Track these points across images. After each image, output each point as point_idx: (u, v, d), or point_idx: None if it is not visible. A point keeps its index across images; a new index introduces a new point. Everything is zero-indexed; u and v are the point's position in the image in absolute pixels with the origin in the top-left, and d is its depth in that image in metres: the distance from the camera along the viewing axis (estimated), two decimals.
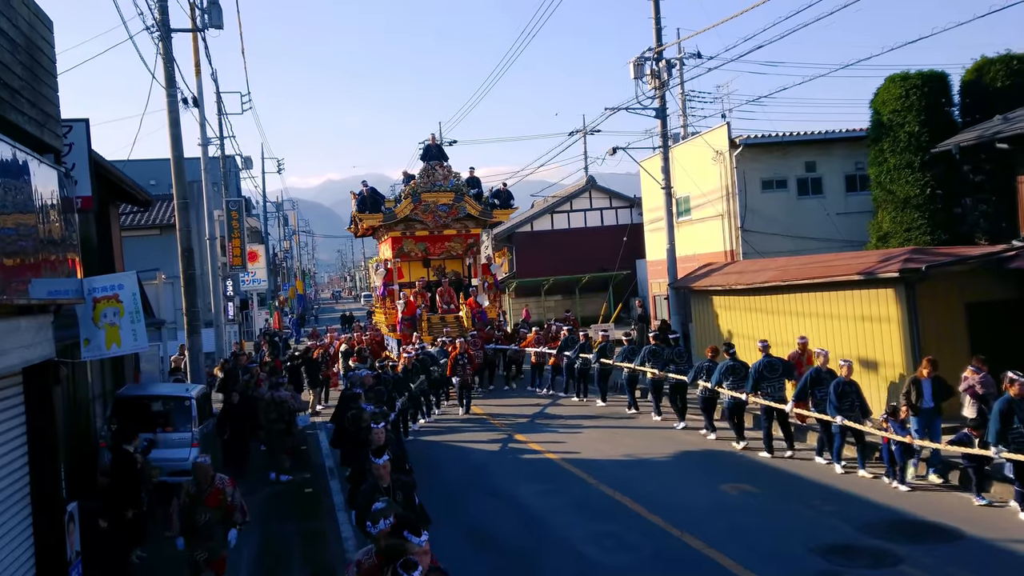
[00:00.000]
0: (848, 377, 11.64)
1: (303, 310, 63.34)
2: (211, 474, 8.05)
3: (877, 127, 18.47)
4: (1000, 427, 9.31)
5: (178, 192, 15.78)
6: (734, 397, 13.36)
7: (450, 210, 24.96)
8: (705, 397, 14.27)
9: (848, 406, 11.42)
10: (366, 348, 21.70)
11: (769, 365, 13.03)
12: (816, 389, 12.08)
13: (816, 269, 15.35)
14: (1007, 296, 13.29)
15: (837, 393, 11.49)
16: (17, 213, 6.59)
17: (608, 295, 34.54)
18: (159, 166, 28.77)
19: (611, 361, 17.85)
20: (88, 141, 10.11)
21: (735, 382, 13.45)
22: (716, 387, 13.77)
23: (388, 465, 7.39)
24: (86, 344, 8.98)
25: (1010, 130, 14.05)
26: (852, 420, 11.27)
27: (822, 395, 11.88)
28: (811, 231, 21.52)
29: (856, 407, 11.47)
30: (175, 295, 21.80)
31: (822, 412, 11.78)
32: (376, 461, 7.35)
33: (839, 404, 11.43)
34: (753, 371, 13.08)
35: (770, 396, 12.78)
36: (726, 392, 13.56)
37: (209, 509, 7.91)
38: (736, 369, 13.61)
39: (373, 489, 7.25)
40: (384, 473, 7.33)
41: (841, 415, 11.31)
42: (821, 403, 11.88)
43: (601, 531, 9.71)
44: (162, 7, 15.37)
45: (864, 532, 9.00)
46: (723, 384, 13.63)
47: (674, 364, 15.62)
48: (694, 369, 14.73)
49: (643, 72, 20.62)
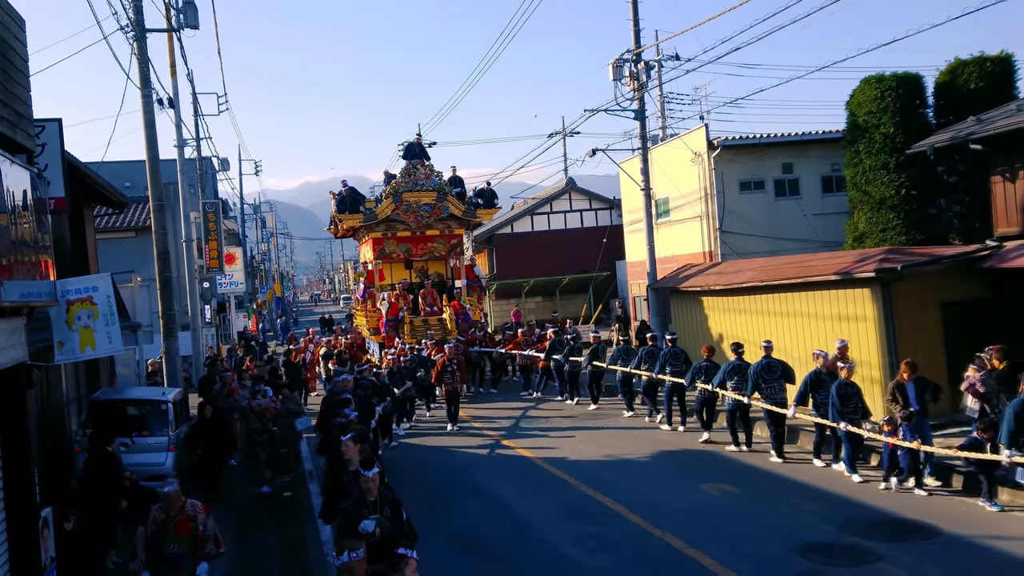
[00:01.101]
0: (849, 379, 11.34)
1: (284, 312, 62.94)
2: (181, 501, 7.52)
3: (853, 129, 18.62)
4: (1015, 429, 8.99)
5: (154, 194, 15.64)
6: (736, 399, 13.00)
7: (432, 210, 24.61)
8: (704, 398, 13.96)
9: (852, 409, 11.13)
10: (345, 351, 21.48)
11: (768, 367, 12.70)
12: (816, 392, 11.78)
13: (794, 269, 15.46)
14: (981, 295, 13.45)
15: (840, 396, 11.15)
16: None
17: (588, 296, 34.59)
18: (134, 168, 28.46)
19: (604, 364, 17.49)
20: (61, 141, 9.99)
21: (739, 383, 13.07)
22: (718, 388, 13.43)
23: (377, 479, 6.88)
24: (60, 347, 8.85)
25: (983, 131, 14.20)
26: (856, 423, 11.00)
27: (822, 398, 11.61)
28: (788, 232, 21.66)
29: (859, 409, 11.18)
30: (151, 298, 21.65)
31: (823, 416, 11.51)
32: (365, 474, 6.83)
33: (842, 407, 11.11)
34: (752, 373, 12.78)
35: (770, 399, 12.50)
36: (730, 394, 13.15)
37: (178, 539, 7.37)
38: (741, 369, 13.22)
39: (359, 504, 6.80)
40: (373, 487, 6.81)
41: (845, 419, 11.01)
42: (822, 406, 11.61)
43: (583, 532, 9.70)
44: (136, 7, 15.23)
45: (844, 531, 9.04)
46: (727, 385, 13.27)
47: (671, 366, 15.16)
48: (692, 370, 14.40)
49: (622, 74, 20.68)
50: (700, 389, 13.97)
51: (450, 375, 16.87)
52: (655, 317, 21.32)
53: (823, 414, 11.53)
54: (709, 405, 13.97)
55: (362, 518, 6.44)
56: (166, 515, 7.45)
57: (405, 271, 26.27)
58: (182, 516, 7.46)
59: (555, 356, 19.01)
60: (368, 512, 6.60)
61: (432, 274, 26.12)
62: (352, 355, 21.79)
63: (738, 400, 12.93)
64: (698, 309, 18.76)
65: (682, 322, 19.55)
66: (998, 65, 17.28)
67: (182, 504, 7.52)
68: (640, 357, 16.02)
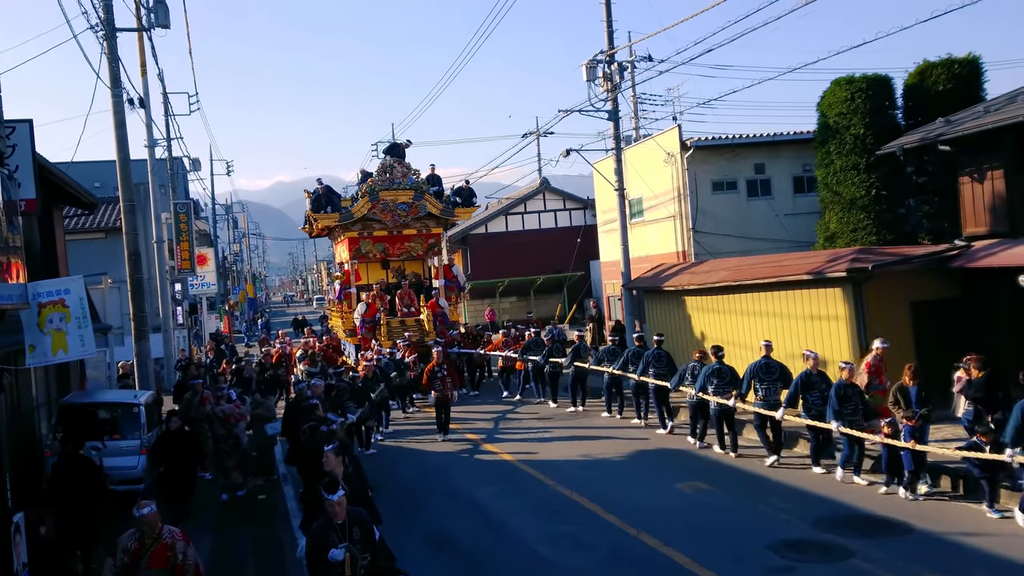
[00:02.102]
0: (850, 379, 11.04)
1: (262, 313, 62.50)
2: (158, 527, 6.59)
3: (823, 129, 18.80)
4: (1021, 425, 8.78)
5: (124, 195, 15.48)
6: (720, 403, 12.72)
7: (410, 209, 24.08)
8: (695, 403, 13.39)
9: (851, 410, 10.84)
10: (317, 354, 21.15)
11: (767, 367, 12.32)
12: (807, 394, 11.50)
13: (766, 269, 15.60)
14: (950, 294, 13.66)
15: (839, 396, 10.85)
16: None
17: (563, 296, 34.70)
18: (104, 168, 28.14)
19: (586, 364, 17.16)
20: (32, 142, 9.86)
21: (720, 386, 12.79)
22: (700, 393, 13.00)
23: (344, 501, 6.40)
24: (31, 351, 8.74)
25: (952, 133, 14.41)
26: (856, 425, 10.71)
27: (813, 400, 11.40)
28: (761, 232, 21.85)
29: (860, 410, 10.90)
30: (121, 300, 21.37)
31: (814, 418, 11.27)
32: (329, 498, 6.33)
33: (840, 408, 10.81)
34: (748, 372, 12.47)
35: (765, 400, 12.15)
36: (712, 398, 12.87)
37: (153, 572, 6.50)
38: (722, 372, 12.88)
39: (326, 528, 6.39)
40: (340, 510, 6.37)
41: (844, 420, 10.71)
42: (812, 408, 11.37)
43: (558, 532, 9.74)
44: (107, 6, 15.07)
45: (818, 528, 9.15)
46: (708, 389, 12.93)
47: (654, 368, 14.81)
48: (678, 373, 14.05)
49: (595, 75, 20.72)
50: (690, 395, 13.48)
51: (439, 381, 15.64)
52: (629, 317, 21.41)
53: (814, 416, 11.29)
54: (702, 410, 13.40)
55: (330, 544, 6.24)
56: (140, 543, 6.56)
57: (382, 271, 25.74)
58: (159, 544, 6.57)
59: (531, 357, 18.81)
60: (336, 538, 6.30)
61: (409, 274, 25.56)
62: (327, 356, 21.55)
63: (722, 404, 12.69)
64: (672, 309, 18.86)
65: (656, 321, 19.65)
66: (966, 67, 17.52)
67: (159, 530, 6.62)
68: (626, 358, 15.74)
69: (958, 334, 12.90)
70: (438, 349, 16.72)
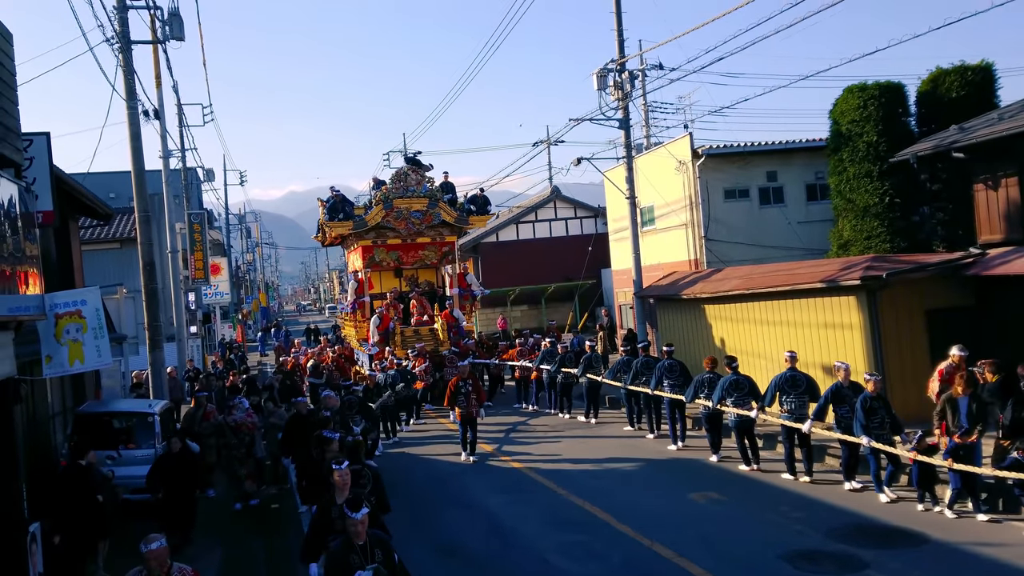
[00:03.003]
0: (876, 391, 10.55)
1: (278, 322, 62.69)
2: (167, 564, 6.01)
3: (836, 137, 18.78)
4: None
5: (139, 205, 15.58)
6: (740, 415, 12.25)
7: (424, 216, 23.87)
8: (708, 415, 13.10)
9: (878, 423, 10.39)
10: (322, 365, 20.73)
11: (792, 379, 11.81)
12: (838, 407, 10.99)
13: (780, 277, 15.56)
14: (965, 303, 13.59)
15: (865, 409, 10.39)
16: None
17: (574, 304, 34.66)
18: (119, 179, 28.38)
19: (598, 376, 16.79)
20: (49, 155, 9.96)
21: (739, 398, 12.35)
22: (719, 405, 12.59)
23: (367, 520, 6.07)
24: (48, 361, 8.81)
25: (965, 140, 14.37)
26: (884, 439, 10.31)
27: (844, 413, 10.88)
28: (773, 240, 21.81)
29: (887, 424, 10.44)
30: (136, 309, 21.52)
31: (845, 431, 10.77)
32: (352, 516, 5.97)
33: (867, 422, 10.36)
34: (772, 385, 11.99)
35: (791, 414, 11.64)
36: (731, 410, 12.41)
37: None
38: (740, 384, 12.46)
39: (346, 550, 6.04)
40: (362, 530, 6.01)
41: (871, 435, 10.30)
42: (843, 421, 10.86)
43: (569, 541, 9.71)
44: (122, 19, 15.20)
45: (831, 538, 9.10)
46: (726, 401, 12.50)
47: (668, 379, 14.33)
48: (693, 384, 13.51)
49: (606, 83, 20.78)
50: (704, 407, 13.15)
51: (464, 397, 14.50)
52: (641, 325, 21.38)
53: (845, 430, 10.80)
54: (715, 423, 13.15)
55: (352, 567, 5.91)
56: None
57: (395, 280, 25.49)
58: None
59: (545, 367, 18.48)
60: (358, 560, 5.96)
61: (422, 282, 25.41)
62: (340, 367, 21.49)
63: (742, 415, 12.26)
64: (685, 317, 18.84)
65: (669, 330, 19.62)
66: (979, 74, 17.49)
67: (168, 568, 6.02)
68: (636, 370, 15.36)
69: (973, 342, 12.81)
70: (464, 364, 15.66)
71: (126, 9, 15.32)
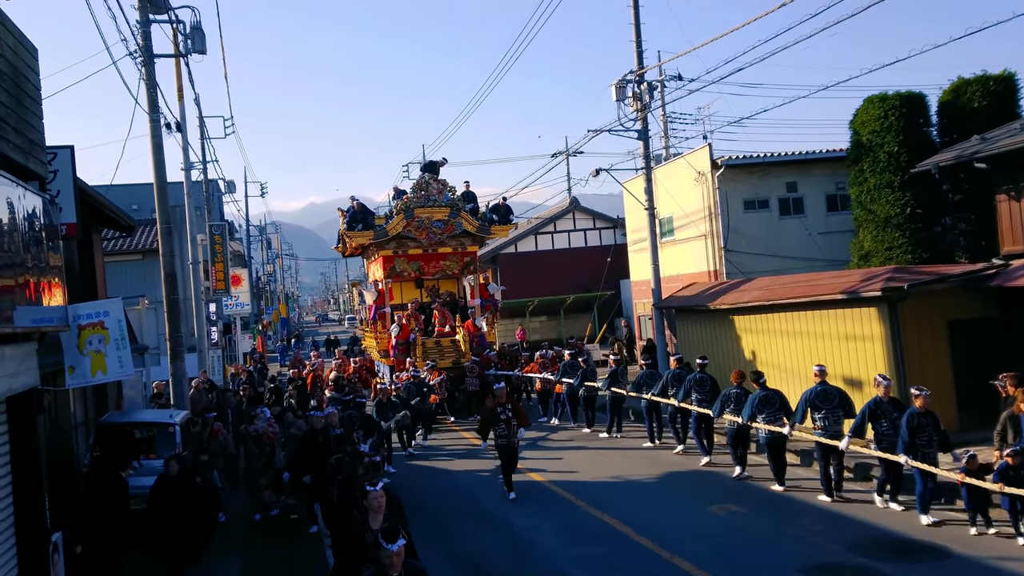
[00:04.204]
0: (925, 407, 9.88)
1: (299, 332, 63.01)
2: None
3: (857, 147, 18.68)
4: None
5: (161, 217, 15.70)
6: (771, 432, 11.78)
7: (445, 226, 23.53)
8: (735, 431, 12.71)
9: (925, 441, 9.79)
10: (342, 376, 20.25)
11: (823, 394, 11.32)
12: (877, 423, 10.51)
13: (800, 288, 15.47)
14: (987, 314, 13.46)
15: (910, 427, 9.82)
16: (2, 241, 6.55)
17: (593, 315, 34.60)
18: (141, 191, 28.64)
19: (623, 390, 16.50)
20: (73, 168, 10.09)
21: (771, 415, 11.89)
22: (750, 422, 12.16)
23: (403, 551, 5.71)
24: (71, 372, 8.91)
25: (988, 150, 14.25)
26: (929, 458, 9.72)
27: (884, 430, 10.39)
28: (793, 250, 21.70)
29: (934, 442, 9.82)
30: (158, 320, 21.66)
31: (884, 449, 10.28)
32: (388, 547, 5.57)
33: (912, 440, 9.78)
34: (802, 400, 11.48)
35: (824, 431, 11.14)
36: (762, 426, 11.94)
37: None
38: (770, 399, 11.98)
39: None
40: (398, 562, 5.64)
41: (914, 453, 9.72)
42: (884, 439, 10.35)
43: (589, 554, 9.68)
44: (145, 33, 15.36)
45: (852, 551, 9.02)
46: (758, 418, 12.00)
47: (696, 393, 14.03)
48: (720, 399, 13.12)
49: (625, 94, 20.78)
50: (730, 422, 12.75)
51: (504, 424, 12.55)
52: (660, 336, 21.32)
53: (885, 448, 10.31)
54: (742, 439, 12.82)
55: None
56: None
57: (416, 290, 25.16)
58: None
59: (567, 380, 18.14)
60: None
61: (444, 293, 25.06)
62: (363, 378, 21.18)
63: (774, 432, 11.80)
64: (704, 328, 18.77)
65: (688, 341, 19.55)
66: (1001, 84, 17.36)
67: None
68: (665, 382, 15.02)
69: (996, 354, 12.69)
70: (501, 387, 13.59)
71: (149, 23, 15.47)
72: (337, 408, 13.64)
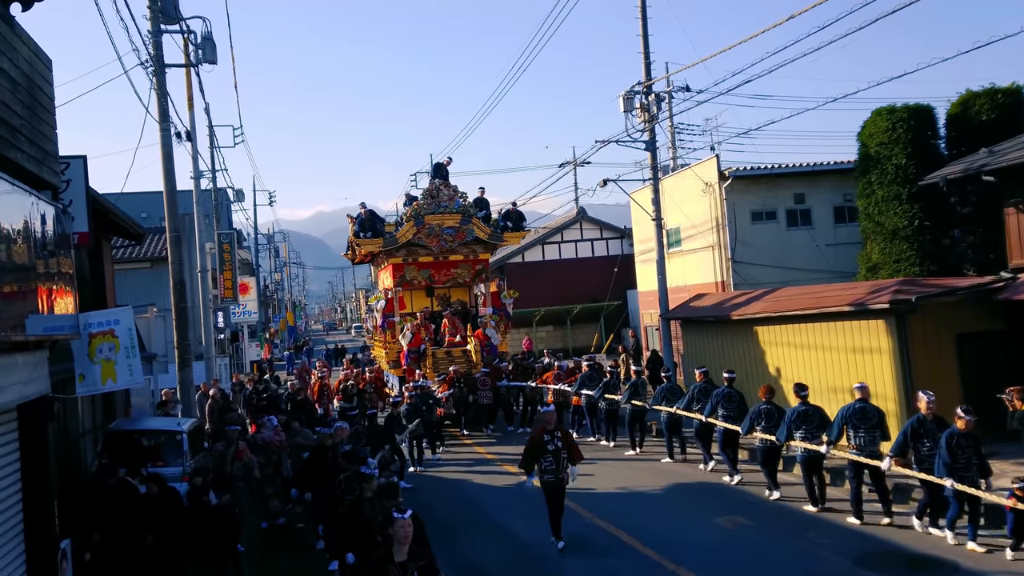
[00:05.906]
0: (967, 428, 9.41)
1: (306, 341, 63.03)
2: None
3: (865, 159, 18.69)
4: None
5: (171, 225, 15.79)
6: (809, 450, 11.30)
7: (456, 233, 23.00)
8: (765, 448, 12.23)
9: (964, 464, 9.35)
10: (353, 385, 19.97)
11: (862, 412, 10.82)
12: (919, 442, 9.98)
13: (807, 300, 15.46)
14: (996, 327, 13.42)
15: (950, 448, 9.35)
16: (15, 250, 6.61)
17: (600, 325, 34.60)
18: (150, 199, 28.75)
19: (644, 403, 16.00)
20: (85, 177, 10.16)
21: (809, 431, 11.39)
22: (787, 440, 11.70)
23: None
24: (81, 379, 8.95)
25: (996, 163, 14.24)
26: (968, 480, 9.28)
27: (927, 450, 9.87)
28: (801, 262, 21.70)
29: (974, 465, 9.39)
30: (166, 328, 21.75)
31: (926, 470, 9.78)
32: None
33: (952, 462, 9.33)
34: (839, 417, 11.02)
35: (860, 450, 10.69)
36: (799, 444, 11.45)
37: None
38: (808, 415, 11.49)
39: None
40: None
41: (955, 476, 9.27)
42: (927, 459, 9.84)
43: (595, 565, 9.68)
44: (156, 43, 15.49)
45: (860, 565, 9.00)
46: (795, 434, 11.54)
47: (723, 409, 13.56)
48: (749, 416, 12.65)
49: (633, 105, 20.84)
50: (760, 439, 12.30)
51: (552, 456, 10.51)
52: (667, 347, 21.31)
53: (927, 469, 9.81)
54: (771, 456, 12.33)
55: None
56: None
57: (426, 299, 24.75)
58: None
59: (586, 392, 17.53)
60: None
61: (455, 302, 24.63)
62: (378, 389, 20.86)
63: (811, 450, 11.32)
64: (711, 339, 18.74)
65: (695, 352, 19.52)
66: (1009, 97, 17.36)
67: None
68: (691, 396, 14.51)
69: (1004, 367, 12.66)
70: (550, 410, 11.20)
71: (160, 33, 15.61)
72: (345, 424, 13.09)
